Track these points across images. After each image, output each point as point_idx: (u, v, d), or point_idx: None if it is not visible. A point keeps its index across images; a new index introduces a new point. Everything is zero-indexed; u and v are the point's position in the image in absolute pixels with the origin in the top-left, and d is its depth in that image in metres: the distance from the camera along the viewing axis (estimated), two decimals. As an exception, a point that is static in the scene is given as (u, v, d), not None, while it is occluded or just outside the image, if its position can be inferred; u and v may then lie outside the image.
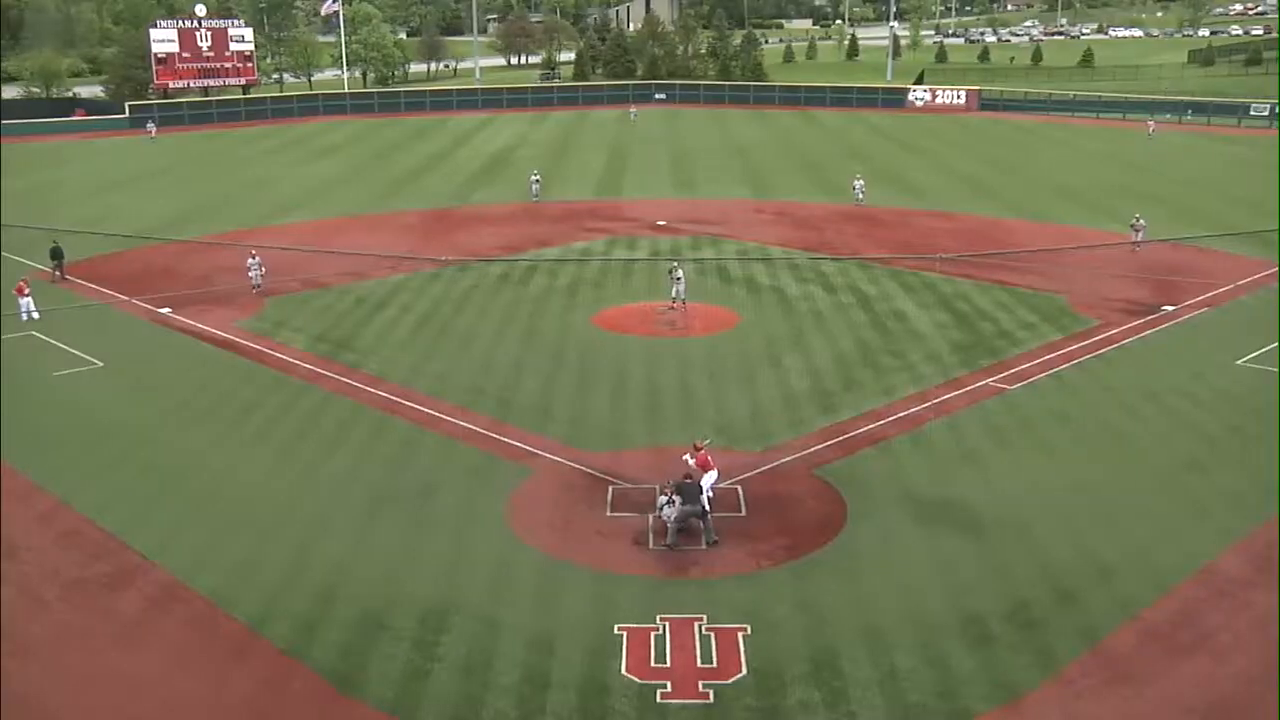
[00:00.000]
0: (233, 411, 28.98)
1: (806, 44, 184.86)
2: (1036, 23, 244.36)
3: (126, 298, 40.15)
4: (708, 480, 22.37)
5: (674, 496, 21.67)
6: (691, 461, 22.75)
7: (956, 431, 27.35)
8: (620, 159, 77.26)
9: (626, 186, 65.65)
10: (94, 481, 24.77)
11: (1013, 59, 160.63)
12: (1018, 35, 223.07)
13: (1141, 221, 47.24)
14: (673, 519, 21.52)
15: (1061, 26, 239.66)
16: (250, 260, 40.72)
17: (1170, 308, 37.74)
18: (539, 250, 47.94)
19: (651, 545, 21.70)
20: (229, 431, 27.66)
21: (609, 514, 22.97)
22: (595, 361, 32.69)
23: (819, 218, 55.54)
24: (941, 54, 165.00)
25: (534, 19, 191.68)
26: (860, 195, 58.99)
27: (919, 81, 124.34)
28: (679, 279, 37.24)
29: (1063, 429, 27.38)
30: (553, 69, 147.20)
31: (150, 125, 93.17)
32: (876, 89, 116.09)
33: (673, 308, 36.91)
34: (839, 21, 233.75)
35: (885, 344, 34.26)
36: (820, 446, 26.31)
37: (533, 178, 61.24)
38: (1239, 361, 32.13)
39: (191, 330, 36.22)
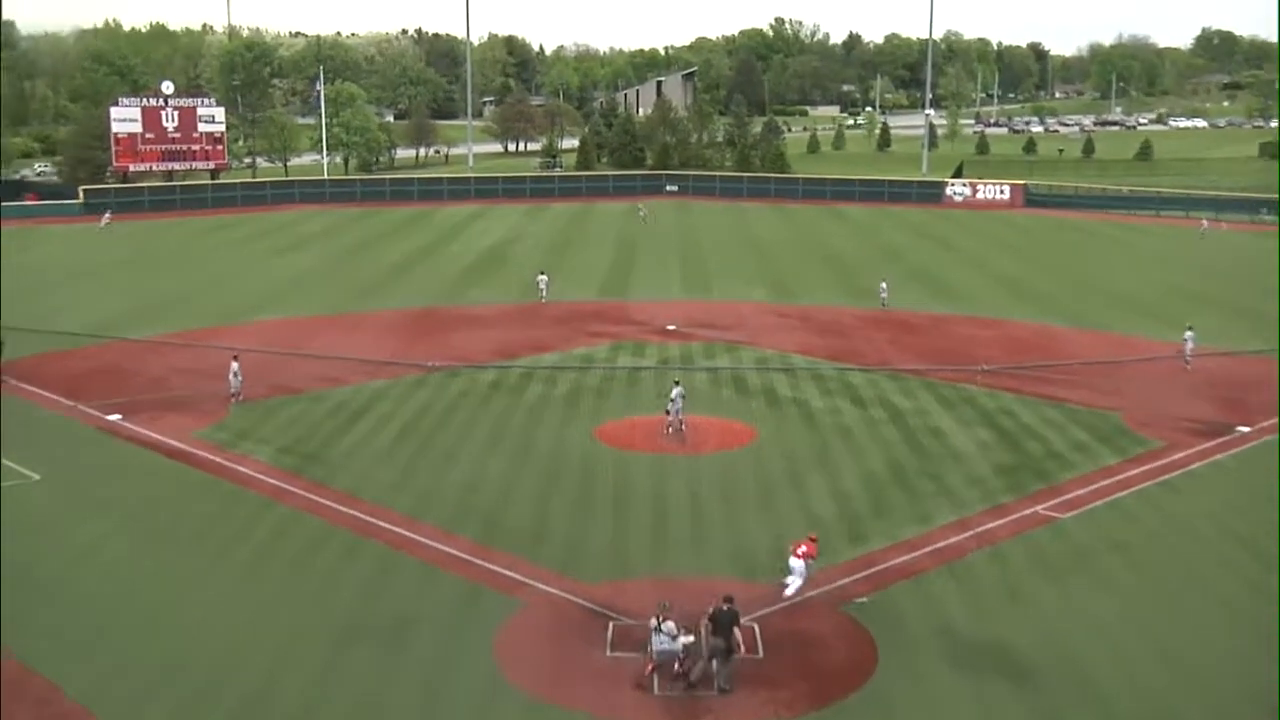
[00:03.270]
0: (186, 531, 29.16)
1: (833, 133, 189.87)
2: (1088, 113, 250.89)
3: (71, 402, 40.70)
4: (795, 579, 24.57)
5: (693, 627, 21.57)
6: (800, 552, 24.99)
7: (1001, 564, 27.41)
8: (627, 256, 78.71)
9: (634, 286, 66.78)
10: (23, 615, 24.51)
11: (1062, 151, 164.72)
12: (1067, 125, 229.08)
13: (1189, 335, 46.98)
14: (702, 657, 21.36)
15: (1116, 116, 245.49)
16: (233, 365, 41.32)
17: (1245, 429, 38.02)
18: (536, 356, 48.60)
19: (656, 690, 21.63)
20: (181, 554, 27.79)
21: (608, 653, 22.93)
22: (596, 480, 32.94)
23: (846, 323, 56.34)
24: (983, 145, 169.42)
25: (534, 102, 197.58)
26: (885, 297, 60.04)
27: (958, 175, 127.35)
28: (679, 398, 37.09)
29: (1123, 562, 27.43)
30: (554, 157, 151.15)
31: (106, 214, 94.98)
32: (911, 182, 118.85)
33: (669, 430, 36.93)
34: (869, 109, 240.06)
35: (921, 464, 34.50)
36: (848, 580, 26.33)
37: (540, 277, 62.55)
38: (1320, 489, 32.20)
39: (142, 439, 36.64)
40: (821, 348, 50.52)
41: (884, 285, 60.95)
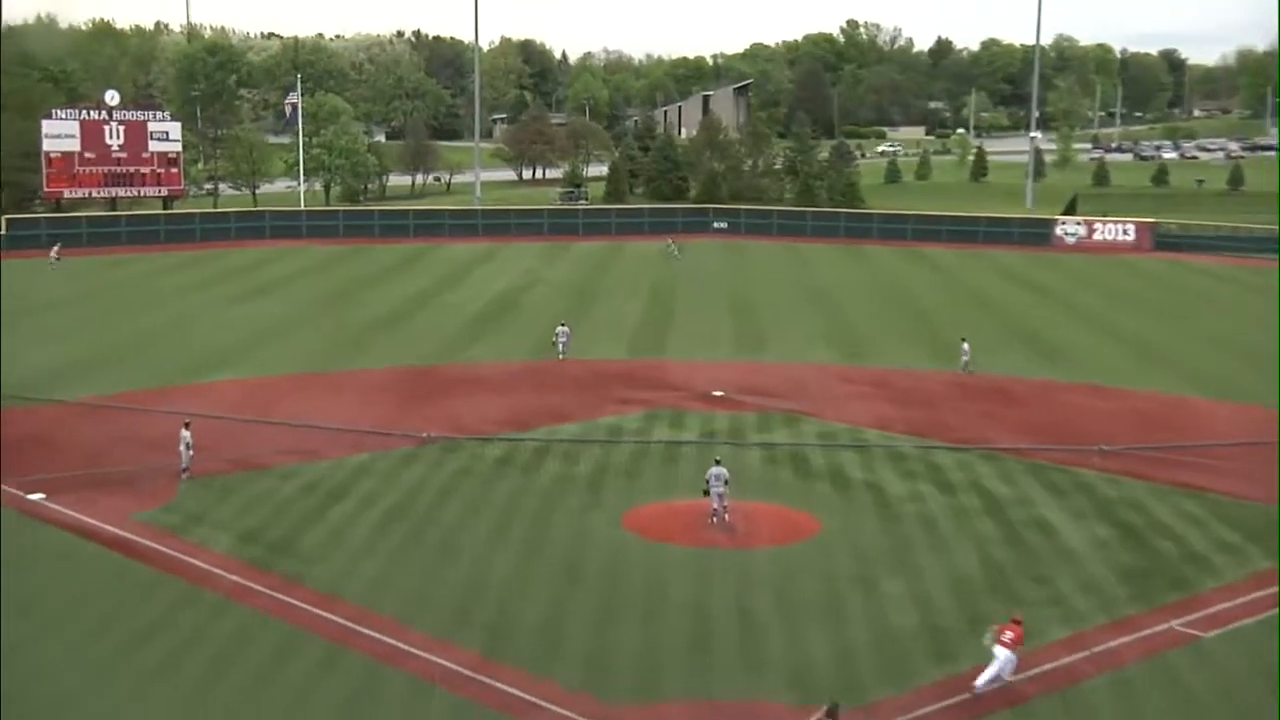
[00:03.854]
0: (123, 638, 29.37)
1: (917, 159, 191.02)
2: (1235, 135, 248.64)
3: (-9, 477, 41.20)
4: (1000, 664, 25.73)
5: None
6: (1005, 638, 26.25)
7: (1127, 693, 27.17)
8: (665, 307, 79.27)
9: (672, 343, 67.19)
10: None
11: (1202, 182, 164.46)
12: (1208, 150, 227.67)
13: None
14: None
15: (1271, 139, 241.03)
16: (183, 434, 41.73)
17: None
18: (553, 427, 48.90)
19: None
20: (115, 665, 27.98)
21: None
22: (623, 579, 33.03)
23: (930, 390, 56.42)
24: (1102, 174, 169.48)
25: (555, 120, 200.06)
26: (966, 359, 59.99)
27: (1070, 211, 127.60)
28: (719, 480, 37.03)
29: None
30: (577, 186, 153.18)
31: (56, 247, 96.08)
32: (1011, 220, 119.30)
33: (714, 519, 37.06)
34: (961, 131, 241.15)
35: (1024, 566, 34.34)
36: (933, 708, 26.23)
37: (559, 330, 63.13)
38: None
39: (71, 524, 36.99)
40: (900, 420, 50.54)
41: (966, 346, 60.68)
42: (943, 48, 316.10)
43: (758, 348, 66.15)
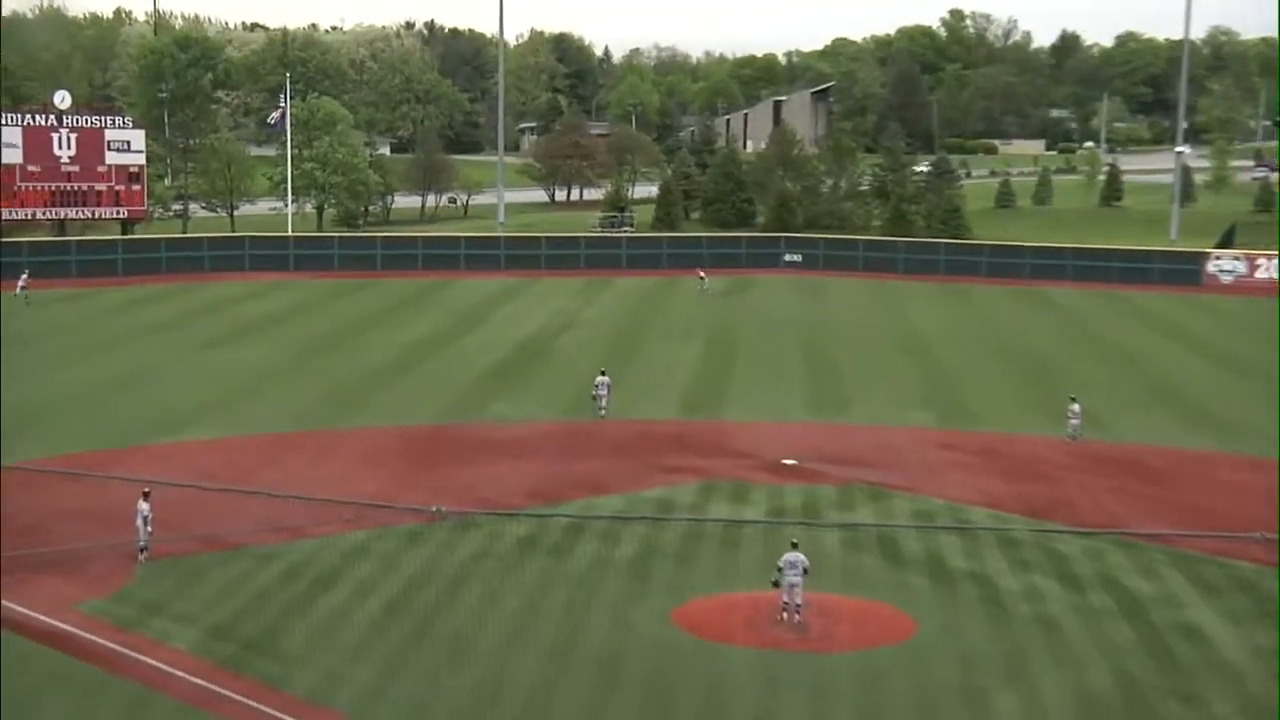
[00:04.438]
0: (67, 749, 29.48)
1: (1035, 179, 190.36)
2: None
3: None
4: None
5: None
6: None
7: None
8: (726, 355, 79.54)
9: (734, 400, 67.43)
10: None
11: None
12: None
13: None
14: None
15: None
16: (141, 506, 41.98)
17: None
18: (589, 499, 49.10)
19: None
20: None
21: None
22: (673, 687, 32.95)
23: (1050, 461, 56.18)
24: (1266, 197, 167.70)
25: (594, 130, 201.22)
26: (1076, 425, 59.47)
27: (1226, 242, 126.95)
28: (795, 568, 36.84)
29: None
30: (622, 210, 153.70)
31: (23, 276, 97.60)
32: (1153, 254, 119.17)
33: (784, 616, 36.91)
34: (1090, 145, 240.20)
35: (1168, 681, 33.99)
36: None
37: (599, 382, 63.19)
38: None
39: (6, 616, 37.13)
40: (1013, 497, 50.34)
41: (1075, 407, 60.16)
42: (1068, 44, 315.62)
43: (838, 407, 66.18)
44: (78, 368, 73.19)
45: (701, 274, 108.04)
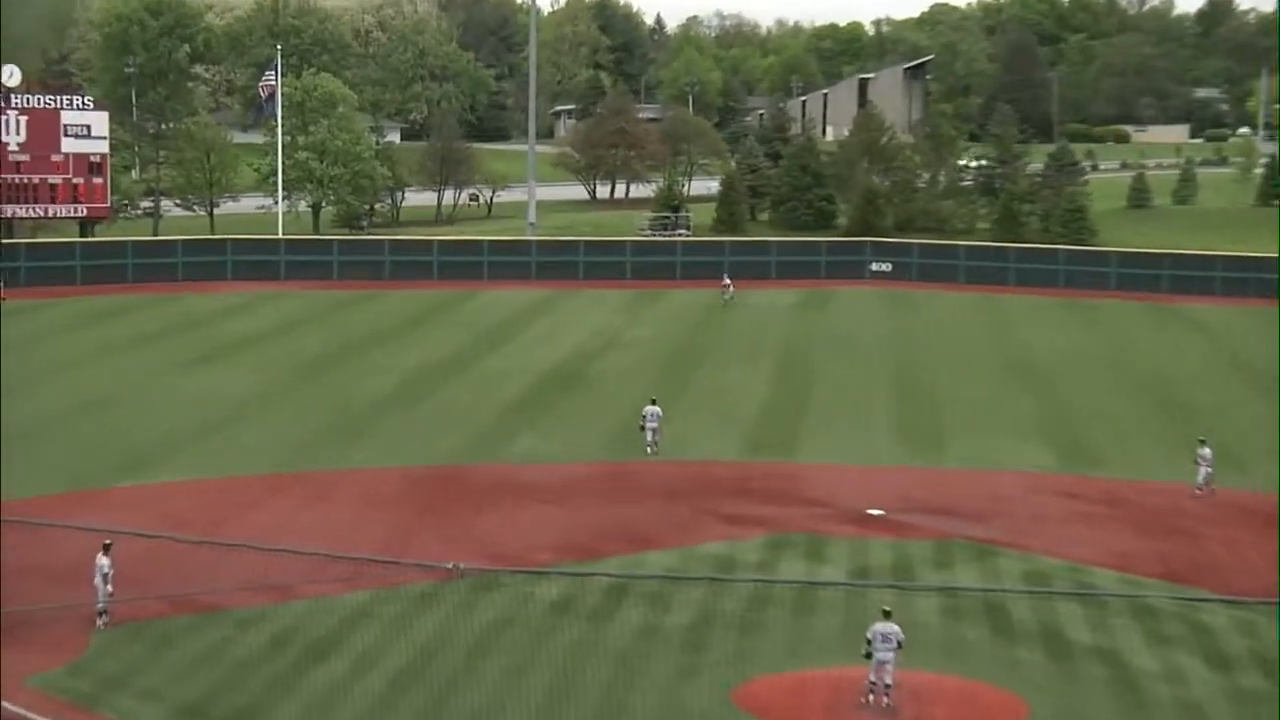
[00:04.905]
0: None
1: (1176, 172, 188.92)
2: None
3: None
4: None
5: None
6: None
7: None
8: (799, 382, 79.61)
9: (809, 437, 67.43)
10: None
11: None
12: None
13: None
14: None
15: None
16: (100, 560, 42.17)
17: None
18: (635, 556, 49.23)
19: None
20: None
21: None
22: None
23: (1191, 513, 55.90)
24: None
25: (644, 114, 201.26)
26: (1207, 473, 58.59)
27: None
28: (888, 641, 36.70)
29: None
30: (676, 210, 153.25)
31: None
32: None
33: (870, 699, 36.75)
34: (1244, 131, 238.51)
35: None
36: None
37: (648, 411, 63.19)
38: None
39: (-57, 685, 37.47)
40: (1147, 557, 50.11)
41: (1206, 451, 59.15)
42: (1218, 9, 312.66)
43: (934, 447, 66.04)
44: (25, 396, 72.71)
45: (727, 281, 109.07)
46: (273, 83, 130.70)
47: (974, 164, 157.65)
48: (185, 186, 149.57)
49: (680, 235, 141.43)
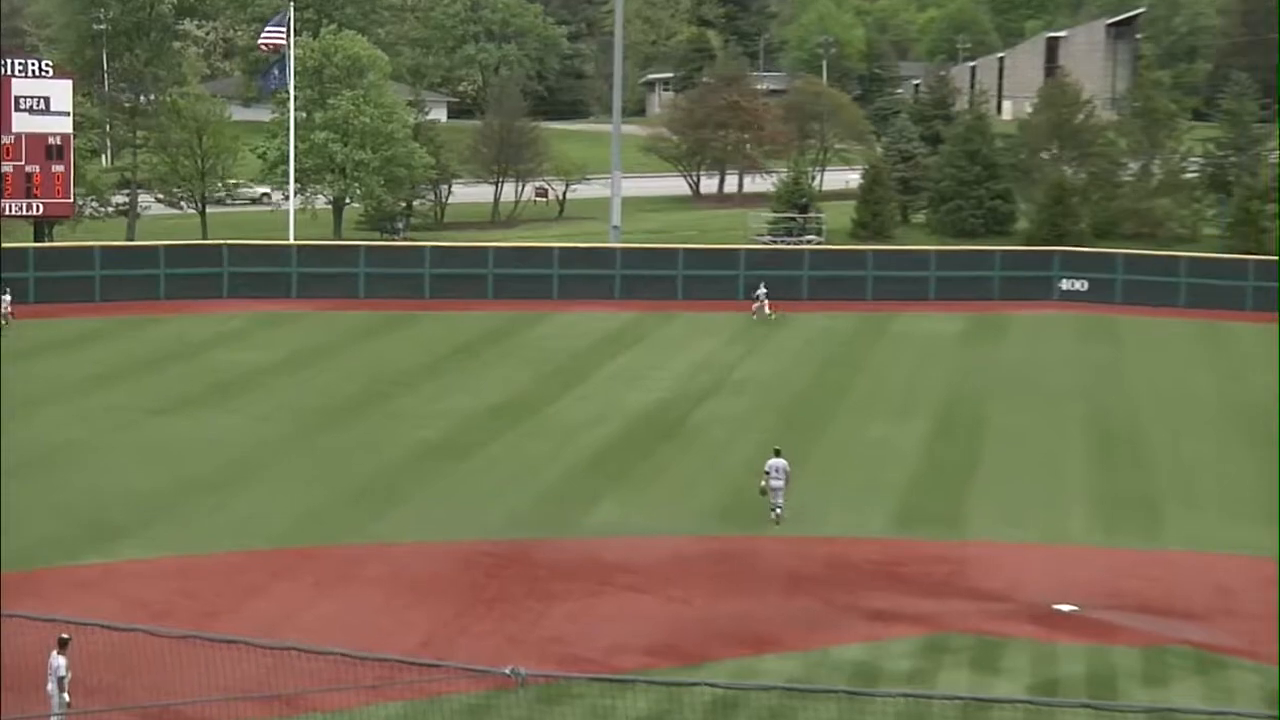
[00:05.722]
0: None
1: None
2: None
3: None
4: None
5: None
6: None
7: None
8: (966, 438, 79.32)
9: (977, 509, 67.02)
10: None
11: None
12: None
13: None
14: None
15: None
16: (55, 661, 42.56)
17: None
18: (747, 660, 49.26)
19: None
20: None
21: None
22: None
23: None
24: None
25: (764, 84, 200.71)
26: None
27: None
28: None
29: None
30: (804, 210, 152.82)
31: (6, 299, 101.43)
32: None
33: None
34: None
35: None
36: None
37: (771, 465, 62.70)
38: None
39: None
40: None
41: None
42: None
43: (1144, 523, 65.52)
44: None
45: (762, 290, 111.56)
46: (279, 38, 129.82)
47: (1199, 151, 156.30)
48: (170, 177, 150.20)
49: (809, 243, 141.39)
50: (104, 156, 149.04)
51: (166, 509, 64.35)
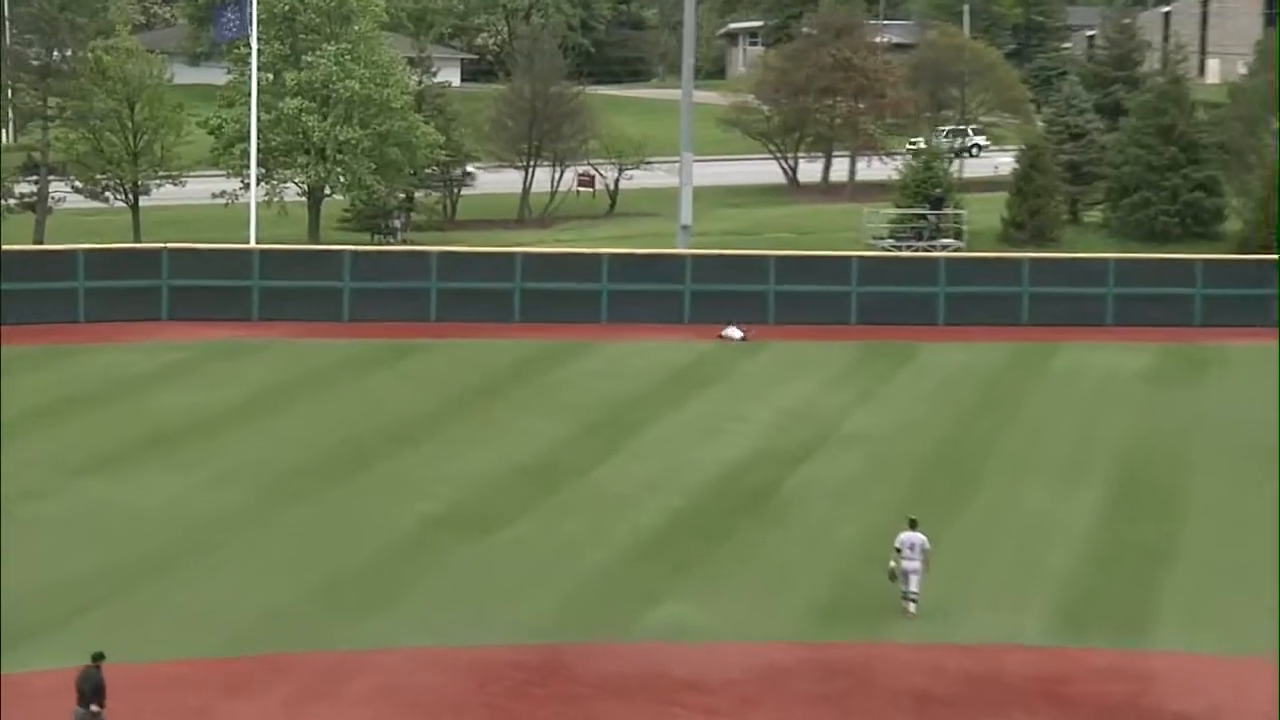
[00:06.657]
0: None
1: None
2: None
3: None
4: None
5: None
6: None
7: None
8: (1153, 514, 79.38)
9: (1169, 610, 67.19)
10: None
11: None
12: None
13: None
14: None
15: None
16: None
17: None
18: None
19: None
20: None
21: None
22: None
23: None
24: None
25: (882, 37, 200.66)
26: None
27: None
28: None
29: None
30: (938, 204, 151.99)
31: None
32: None
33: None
34: None
35: None
36: None
37: (905, 540, 62.76)
38: None
39: None
40: None
41: None
42: None
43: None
44: None
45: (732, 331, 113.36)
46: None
47: None
48: (92, 159, 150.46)
49: (944, 249, 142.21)
50: (3, 131, 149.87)
51: (89, 604, 64.45)
